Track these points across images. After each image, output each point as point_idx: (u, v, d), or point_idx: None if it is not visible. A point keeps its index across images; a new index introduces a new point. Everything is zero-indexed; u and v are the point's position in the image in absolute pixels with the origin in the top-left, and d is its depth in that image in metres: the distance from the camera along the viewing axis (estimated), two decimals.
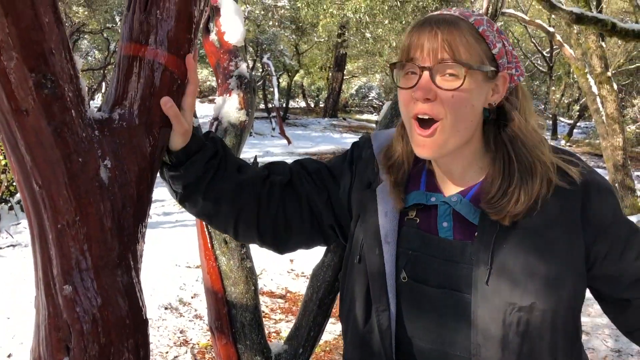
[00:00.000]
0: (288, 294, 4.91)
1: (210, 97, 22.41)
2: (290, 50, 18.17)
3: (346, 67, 21.14)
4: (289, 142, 13.52)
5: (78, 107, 0.87)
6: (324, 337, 3.54)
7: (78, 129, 0.87)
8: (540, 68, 19.44)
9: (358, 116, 22.63)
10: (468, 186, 1.03)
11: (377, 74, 21.61)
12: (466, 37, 0.94)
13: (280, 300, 4.78)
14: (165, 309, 4.41)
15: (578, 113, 17.99)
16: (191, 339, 3.97)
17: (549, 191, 0.96)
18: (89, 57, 17.05)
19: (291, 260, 5.54)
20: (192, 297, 4.65)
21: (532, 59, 19.95)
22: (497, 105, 1.00)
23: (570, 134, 17.84)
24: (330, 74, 20.47)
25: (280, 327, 4.23)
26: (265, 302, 4.65)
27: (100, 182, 0.89)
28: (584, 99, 13.86)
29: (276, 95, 14.08)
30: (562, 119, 20.85)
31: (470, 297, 0.96)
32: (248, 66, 1.69)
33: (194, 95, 1.02)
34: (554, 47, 16.31)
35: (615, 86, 7.68)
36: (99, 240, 0.88)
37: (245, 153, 1.94)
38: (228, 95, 1.64)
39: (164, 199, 7.29)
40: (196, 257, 1.72)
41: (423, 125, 0.97)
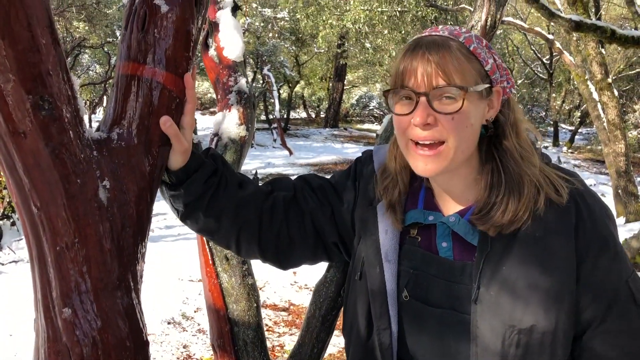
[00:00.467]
0: (291, 307, 4.88)
1: (211, 110, 22.49)
2: (290, 61, 18.27)
3: (346, 77, 21.25)
4: (291, 153, 13.54)
5: (76, 127, 0.87)
6: (328, 351, 3.51)
7: (76, 149, 0.86)
8: (541, 75, 19.50)
9: (359, 126, 22.69)
10: (468, 204, 1.02)
11: (378, 84, 21.67)
12: (458, 59, 0.93)
13: (283, 313, 4.75)
14: (168, 323, 4.39)
15: (579, 119, 17.98)
16: (194, 354, 3.95)
17: (541, 203, 0.94)
18: (90, 72, 17.13)
19: (294, 273, 5.51)
20: (195, 312, 4.62)
21: (532, 66, 20.01)
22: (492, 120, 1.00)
23: (572, 140, 17.83)
24: (331, 84, 20.57)
25: (283, 340, 4.20)
26: (269, 315, 4.62)
27: (99, 202, 0.88)
28: (585, 105, 13.86)
29: (277, 107, 14.13)
30: (563, 125, 20.86)
31: (471, 317, 0.95)
32: (247, 81, 1.69)
33: (193, 114, 1.01)
34: (554, 54, 16.36)
35: (615, 92, 7.69)
36: (98, 262, 0.87)
37: (246, 165, 1.94)
38: (228, 110, 1.64)
39: (165, 212, 7.28)
40: (199, 271, 1.71)
41: (424, 146, 0.96)
